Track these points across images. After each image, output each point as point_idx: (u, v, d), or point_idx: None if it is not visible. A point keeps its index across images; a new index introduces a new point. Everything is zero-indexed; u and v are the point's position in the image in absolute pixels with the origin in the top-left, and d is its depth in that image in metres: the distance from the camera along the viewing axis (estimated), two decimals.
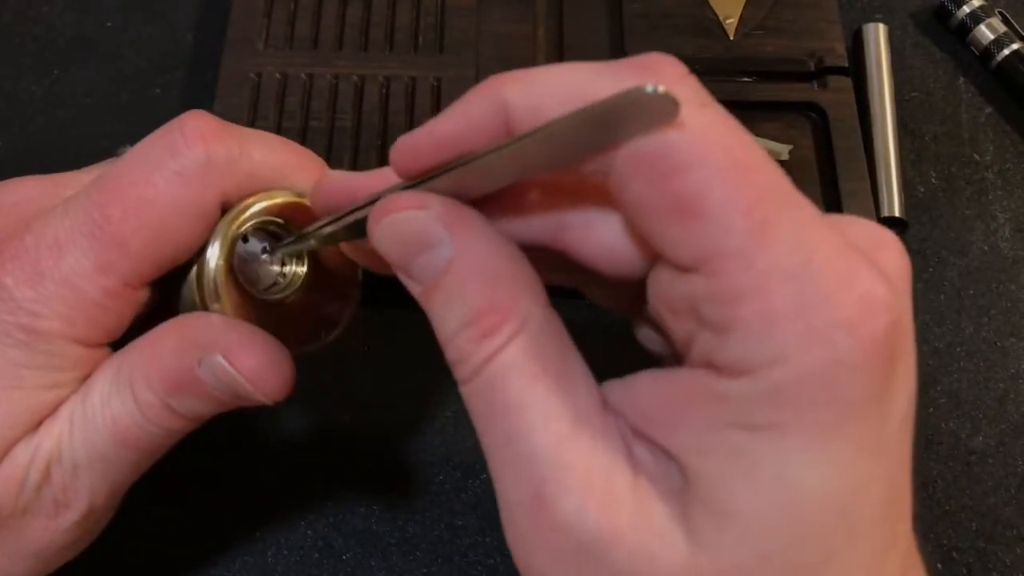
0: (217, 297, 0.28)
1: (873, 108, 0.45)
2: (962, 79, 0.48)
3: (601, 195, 0.22)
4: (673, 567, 0.21)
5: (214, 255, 0.28)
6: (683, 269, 0.20)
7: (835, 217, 0.23)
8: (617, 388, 0.23)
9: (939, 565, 0.37)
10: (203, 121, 0.28)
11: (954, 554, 0.37)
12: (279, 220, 0.29)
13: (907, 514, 0.22)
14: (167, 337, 0.27)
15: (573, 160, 0.21)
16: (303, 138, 0.42)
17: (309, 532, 0.37)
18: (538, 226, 0.24)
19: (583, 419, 0.22)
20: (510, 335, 0.22)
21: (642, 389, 0.22)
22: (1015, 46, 0.47)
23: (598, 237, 0.23)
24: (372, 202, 0.24)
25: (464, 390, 0.23)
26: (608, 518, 0.21)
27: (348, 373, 0.39)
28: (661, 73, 0.21)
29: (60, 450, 0.27)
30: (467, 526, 0.37)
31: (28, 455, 0.27)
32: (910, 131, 0.46)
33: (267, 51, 0.44)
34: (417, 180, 0.23)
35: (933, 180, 0.45)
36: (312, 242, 0.28)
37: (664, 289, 0.22)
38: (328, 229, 0.27)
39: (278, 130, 0.42)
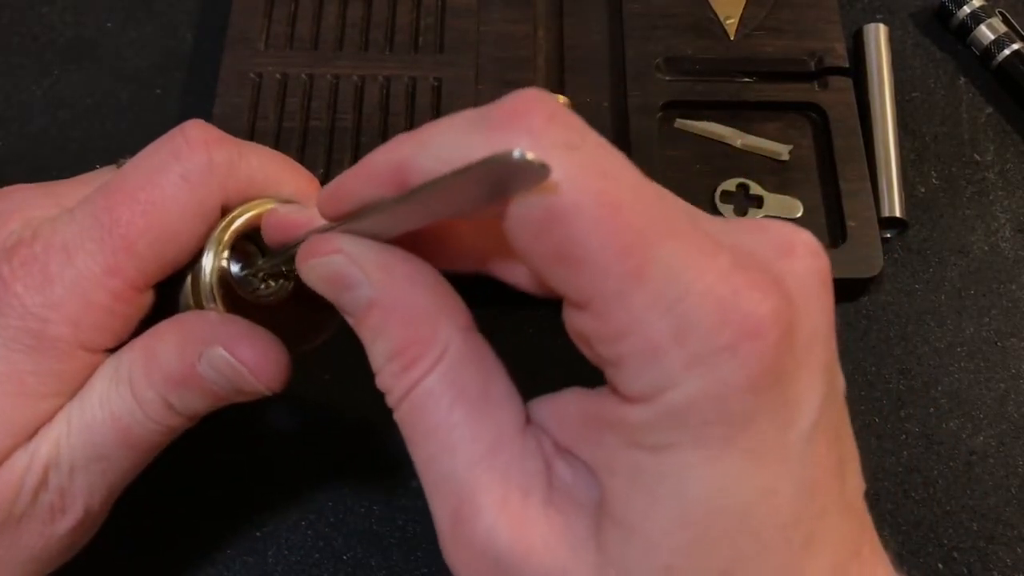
0: (212, 298, 0.29)
1: (873, 108, 0.45)
2: (962, 79, 0.48)
3: None
4: None
5: (209, 259, 0.29)
6: (575, 307, 0.22)
7: (742, 223, 0.24)
8: (547, 403, 0.24)
9: (940, 565, 0.37)
10: (204, 128, 0.29)
11: (955, 554, 0.37)
12: None
13: (839, 509, 0.23)
14: (166, 335, 0.28)
15: (465, 212, 0.22)
16: (303, 138, 0.42)
17: (309, 532, 0.37)
18: (467, 258, 0.26)
19: (500, 441, 0.23)
20: (429, 366, 0.23)
21: (568, 406, 0.24)
22: (1015, 46, 0.47)
23: (520, 268, 0.25)
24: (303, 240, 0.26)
25: (395, 417, 0.24)
26: (521, 536, 0.22)
27: (349, 373, 0.39)
28: (529, 122, 0.21)
29: (58, 454, 0.27)
30: None
31: (25, 461, 0.27)
32: (910, 131, 0.46)
33: (267, 51, 0.44)
34: (339, 223, 0.25)
35: (933, 180, 0.45)
36: (289, 265, 0.29)
37: (568, 322, 0.23)
38: (287, 257, 0.28)
39: (278, 130, 0.42)
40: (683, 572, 0.21)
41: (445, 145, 0.22)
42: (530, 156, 0.19)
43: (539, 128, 0.21)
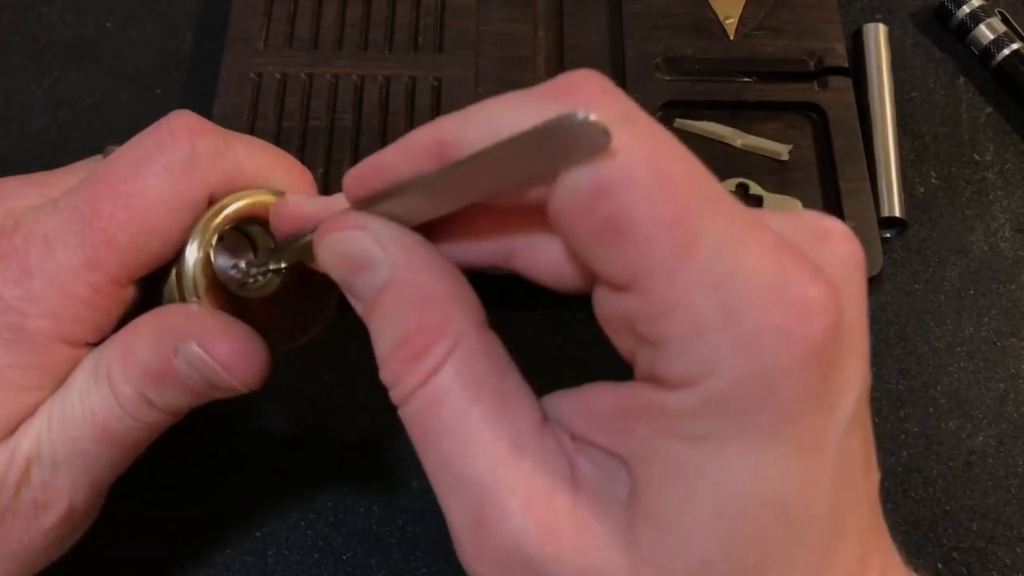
0: (196, 292, 0.28)
1: (873, 108, 0.45)
2: (962, 79, 0.48)
3: (544, 220, 0.22)
4: None
5: (193, 251, 0.28)
6: (616, 288, 0.21)
7: (776, 213, 0.23)
8: (569, 398, 0.23)
9: (939, 565, 0.37)
10: (189, 118, 0.28)
11: (954, 554, 0.37)
12: (259, 218, 0.29)
13: (864, 502, 0.22)
14: (142, 329, 0.27)
15: (510, 184, 0.21)
16: (303, 138, 0.42)
17: (309, 532, 0.37)
18: (489, 250, 0.24)
19: (521, 440, 0.22)
20: (442, 357, 0.22)
21: (595, 399, 0.23)
22: (1015, 46, 0.47)
23: (545, 259, 0.24)
24: None
25: (401, 413, 0.23)
26: (549, 539, 0.21)
27: (349, 373, 0.39)
28: (585, 93, 0.21)
29: (39, 449, 0.27)
30: None
31: (6, 456, 0.27)
32: (910, 131, 0.46)
33: (267, 51, 0.44)
34: (364, 205, 0.24)
35: (933, 180, 0.45)
36: (280, 263, 0.29)
37: (604, 307, 0.22)
38: (288, 251, 0.27)
39: (278, 130, 0.42)
40: (720, 567, 0.21)
41: (493, 118, 0.21)
42: (593, 118, 0.18)
43: (595, 99, 0.20)
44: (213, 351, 0.27)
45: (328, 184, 0.41)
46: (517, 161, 0.20)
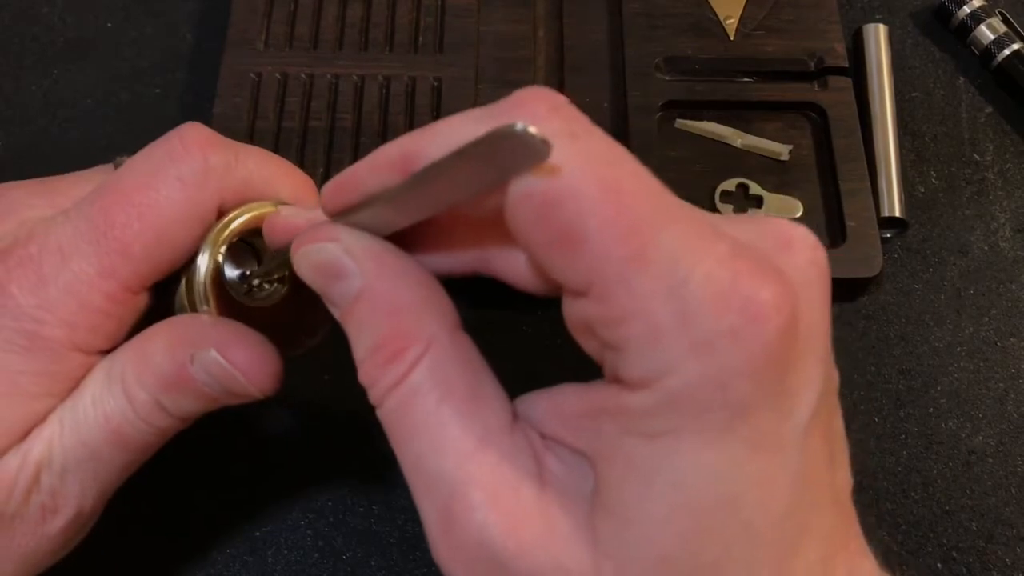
0: (206, 300, 0.29)
1: (873, 108, 0.45)
2: (962, 79, 0.48)
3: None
4: (580, 575, 0.22)
5: (204, 261, 0.29)
6: (575, 295, 0.22)
7: (741, 220, 0.24)
8: (537, 398, 0.24)
9: (939, 565, 0.37)
10: (200, 131, 0.29)
11: (954, 554, 0.37)
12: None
13: (828, 502, 0.23)
14: (158, 336, 0.28)
15: (469, 196, 0.22)
16: (303, 138, 0.42)
17: (309, 532, 0.37)
18: (464, 257, 0.25)
19: (489, 437, 0.23)
20: (414, 360, 0.23)
21: (565, 399, 0.24)
22: (1015, 46, 0.47)
23: (518, 265, 0.25)
24: None
25: (378, 414, 0.24)
26: (514, 532, 0.22)
27: (349, 374, 0.39)
28: (533, 109, 0.21)
29: (50, 454, 0.27)
30: None
31: (17, 462, 0.27)
32: (910, 131, 0.46)
33: (267, 51, 0.44)
34: (339, 217, 0.25)
35: (933, 180, 0.45)
36: (282, 272, 0.30)
37: (567, 312, 0.23)
38: (280, 261, 0.28)
39: (278, 130, 0.43)
40: (678, 562, 0.21)
41: (451, 135, 0.22)
42: (531, 130, 0.19)
43: (542, 116, 0.21)
44: (231, 357, 0.27)
45: None
46: (470, 171, 0.21)
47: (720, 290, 0.20)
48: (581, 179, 0.20)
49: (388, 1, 0.46)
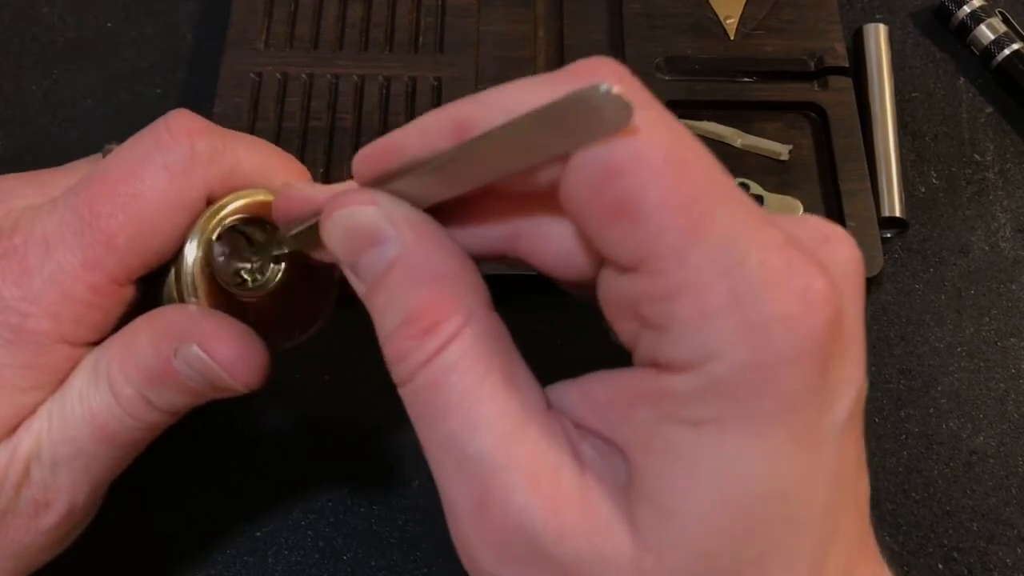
0: (194, 292, 0.28)
1: (873, 108, 0.45)
2: (962, 79, 0.48)
3: (553, 204, 0.22)
4: (620, 565, 0.21)
5: (192, 250, 0.28)
6: (624, 270, 0.21)
7: (782, 216, 0.24)
8: (570, 387, 0.23)
9: (940, 565, 0.37)
10: (188, 118, 0.28)
11: (955, 554, 0.37)
12: (257, 218, 0.29)
13: (854, 507, 0.22)
14: (142, 330, 0.27)
15: (526, 163, 0.21)
16: (303, 138, 0.42)
17: (309, 532, 0.37)
18: (495, 235, 0.24)
19: (529, 418, 0.22)
20: (452, 333, 0.22)
21: (595, 387, 0.23)
22: (1015, 46, 0.47)
23: (550, 244, 0.24)
24: None
25: (403, 392, 0.23)
26: (555, 517, 0.21)
27: (349, 374, 0.39)
28: (606, 76, 0.21)
29: (39, 449, 0.27)
30: None
31: (7, 456, 0.27)
32: (910, 131, 0.46)
33: (267, 51, 0.44)
34: (373, 185, 0.24)
35: (933, 180, 0.45)
36: (281, 248, 0.29)
37: (608, 291, 0.22)
38: (291, 235, 0.27)
39: (278, 130, 0.43)
40: (720, 557, 0.20)
41: (511, 98, 0.21)
42: (617, 90, 0.18)
43: (615, 81, 0.20)
44: (213, 352, 0.27)
45: (327, 183, 0.41)
46: (534, 138, 0.20)
47: (775, 275, 0.20)
48: (647, 147, 0.20)
49: (388, 1, 0.46)
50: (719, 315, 0.20)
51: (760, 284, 0.20)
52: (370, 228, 0.23)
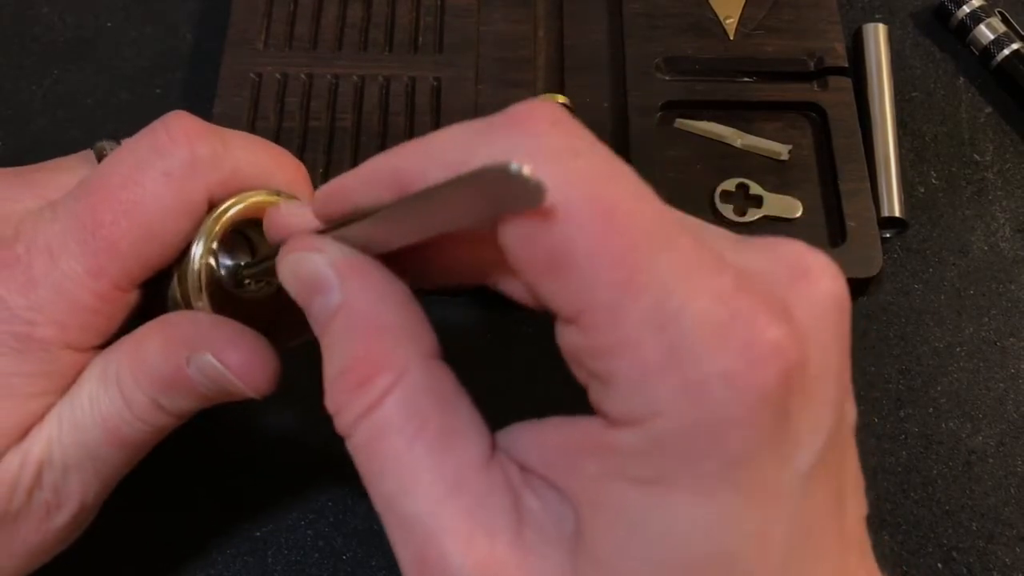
0: (200, 295, 0.28)
1: (873, 108, 0.45)
2: (962, 79, 0.48)
3: None
4: None
5: (197, 254, 0.28)
6: (565, 321, 0.21)
7: (754, 241, 0.22)
8: (525, 431, 0.23)
9: (939, 565, 0.37)
10: (187, 121, 0.28)
11: (954, 554, 0.37)
12: (258, 219, 0.29)
13: (835, 545, 0.21)
14: (153, 336, 0.28)
15: (462, 225, 0.21)
16: (303, 138, 0.42)
17: (309, 532, 0.37)
18: (465, 271, 0.25)
19: (463, 478, 0.22)
20: (384, 389, 0.22)
21: (548, 433, 0.22)
22: (1015, 46, 0.47)
23: (517, 281, 0.24)
24: None
25: (348, 446, 0.23)
26: None
27: None
28: (534, 126, 0.20)
29: (51, 453, 0.27)
30: None
31: (18, 460, 0.27)
32: (910, 131, 0.46)
33: (267, 51, 0.44)
34: (332, 226, 0.24)
35: (933, 180, 0.45)
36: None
37: (559, 338, 0.22)
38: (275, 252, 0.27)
39: (278, 130, 0.43)
40: None
41: (447, 151, 0.21)
42: (526, 171, 0.18)
43: (542, 132, 0.20)
44: (226, 360, 0.27)
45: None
46: (460, 202, 0.20)
47: (716, 328, 0.19)
48: (573, 200, 0.19)
49: (388, 1, 0.46)
50: (657, 372, 0.19)
51: (699, 340, 0.19)
52: (315, 275, 0.24)
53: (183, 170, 0.27)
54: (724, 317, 0.19)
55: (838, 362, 0.22)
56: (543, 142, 0.20)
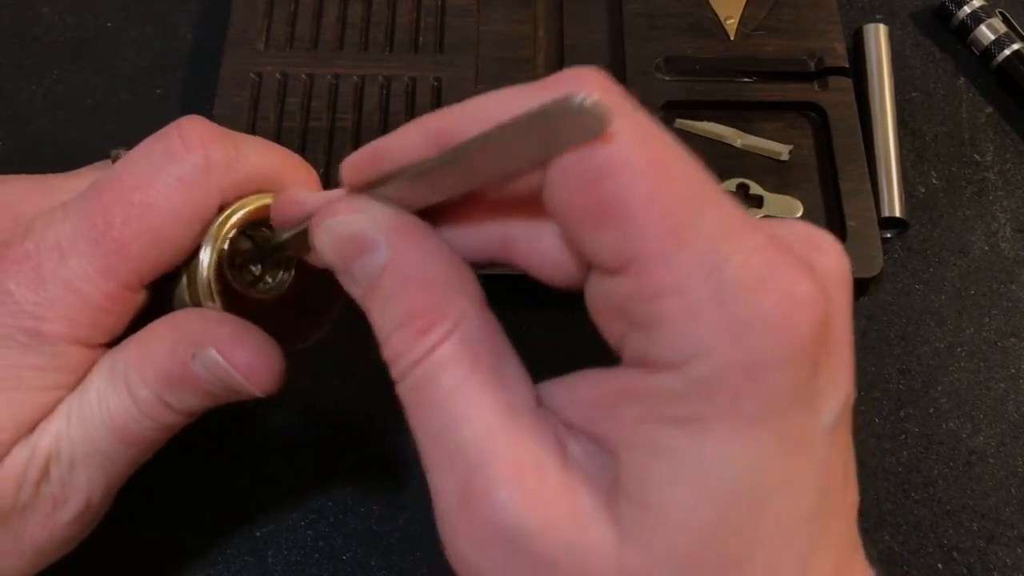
0: (210, 296, 0.28)
1: (873, 108, 0.45)
2: (962, 79, 0.48)
3: (539, 209, 0.23)
4: (604, 560, 0.21)
5: (207, 256, 0.28)
6: (609, 272, 0.21)
7: (770, 221, 0.24)
8: (558, 385, 0.24)
9: (940, 565, 0.37)
10: (200, 125, 0.28)
11: (955, 554, 0.37)
12: (265, 222, 0.29)
13: (844, 515, 0.22)
14: (160, 333, 0.28)
15: (506, 171, 0.22)
16: (303, 138, 0.42)
17: (309, 532, 0.37)
18: (484, 239, 0.25)
19: (515, 413, 0.22)
20: (445, 333, 0.22)
21: (582, 385, 0.23)
22: (1015, 46, 0.47)
23: (539, 249, 0.24)
24: None
25: (400, 388, 0.23)
26: (537, 509, 0.21)
27: (349, 373, 0.39)
28: (586, 85, 0.21)
29: (59, 448, 0.27)
30: None
31: (27, 454, 0.27)
32: (910, 131, 0.46)
33: (267, 51, 0.44)
34: (361, 192, 0.24)
35: (933, 180, 0.45)
36: (285, 262, 0.30)
37: (595, 294, 0.23)
38: (284, 239, 0.28)
39: (278, 130, 0.43)
40: (703, 555, 0.20)
41: (493, 107, 0.22)
42: (592, 100, 0.18)
43: (597, 90, 0.21)
44: (232, 357, 0.27)
45: (328, 184, 0.41)
46: (514, 146, 0.21)
47: (757, 277, 0.20)
48: (630, 150, 0.20)
49: (388, 1, 0.46)
50: (704, 315, 0.20)
51: (744, 285, 0.20)
52: (358, 236, 0.24)
53: (196, 175, 0.28)
54: (764, 268, 0.20)
55: (848, 328, 0.23)
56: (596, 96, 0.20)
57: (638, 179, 0.20)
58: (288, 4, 0.45)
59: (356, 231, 0.24)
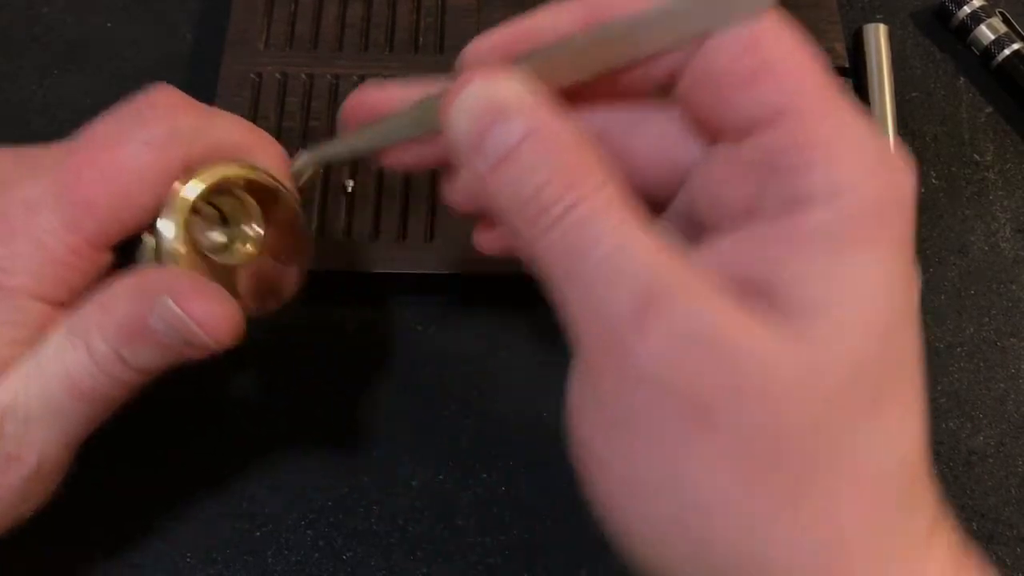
0: (173, 259, 0.29)
1: (873, 108, 0.45)
2: (962, 79, 0.48)
3: (645, 104, 0.26)
4: (793, 366, 0.22)
5: (171, 218, 0.29)
6: (758, 128, 0.24)
7: None
8: (698, 254, 0.24)
9: None
10: (171, 93, 0.30)
11: None
12: (230, 189, 0.30)
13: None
14: (119, 288, 0.28)
15: (656, 50, 0.24)
16: (303, 138, 0.42)
17: (309, 532, 0.37)
18: (596, 125, 0.26)
19: (677, 251, 0.23)
20: (599, 183, 0.23)
21: (722, 248, 0.24)
22: (1016, 46, 0.47)
23: (651, 135, 0.26)
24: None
25: (544, 241, 0.23)
26: (725, 321, 0.22)
27: (350, 373, 0.39)
28: None
29: (15, 404, 0.27)
30: (467, 526, 0.37)
31: None
32: (910, 131, 0.46)
33: (267, 51, 0.44)
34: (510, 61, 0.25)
35: (933, 180, 0.45)
36: (251, 221, 0.30)
37: (722, 165, 0.25)
38: (374, 133, 0.28)
39: (278, 130, 0.42)
40: (871, 358, 0.22)
41: None
42: None
43: None
44: (187, 307, 0.27)
45: (328, 184, 0.41)
46: (676, 23, 0.23)
47: (880, 148, 0.23)
48: (783, 27, 0.25)
49: (388, 1, 0.46)
50: (854, 156, 0.23)
51: (874, 142, 0.23)
52: (503, 100, 0.24)
53: (163, 140, 0.28)
54: (883, 139, 0.23)
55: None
56: None
57: (794, 48, 0.24)
58: (288, 4, 0.45)
59: (501, 96, 0.24)
